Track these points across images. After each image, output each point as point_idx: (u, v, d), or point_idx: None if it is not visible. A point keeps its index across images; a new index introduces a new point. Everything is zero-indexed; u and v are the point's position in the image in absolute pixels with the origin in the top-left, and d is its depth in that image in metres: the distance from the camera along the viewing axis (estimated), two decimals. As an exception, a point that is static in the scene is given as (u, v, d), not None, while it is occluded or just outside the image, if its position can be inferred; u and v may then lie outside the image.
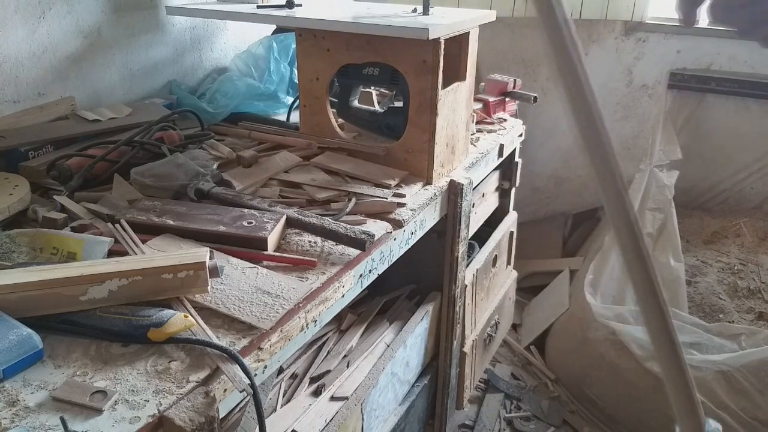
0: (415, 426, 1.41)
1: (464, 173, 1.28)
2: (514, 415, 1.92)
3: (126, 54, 1.41)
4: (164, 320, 0.69)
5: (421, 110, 1.13)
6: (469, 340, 1.51)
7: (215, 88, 1.45)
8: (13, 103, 1.20)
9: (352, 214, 1.02)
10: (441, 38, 1.07)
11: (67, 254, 0.81)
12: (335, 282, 0.86)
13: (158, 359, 0.67)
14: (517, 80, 1.63)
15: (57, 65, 1.27)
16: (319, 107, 1.24)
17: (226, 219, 0.92)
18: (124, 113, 1.29)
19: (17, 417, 0.59)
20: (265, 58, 1.54)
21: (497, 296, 1.71)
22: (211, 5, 1.34)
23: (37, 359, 0.66)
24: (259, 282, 0.81)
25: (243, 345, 0.71)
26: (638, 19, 2.24)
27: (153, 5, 1.45)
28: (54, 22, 1.24)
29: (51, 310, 0.70)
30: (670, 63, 2.25)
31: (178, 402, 0.62)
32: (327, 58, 1.19)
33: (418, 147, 1.16)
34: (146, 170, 1.04)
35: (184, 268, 0.73)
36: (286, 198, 1.08)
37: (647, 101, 2.34)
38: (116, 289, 0.71)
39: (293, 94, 1.55)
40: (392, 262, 1.04)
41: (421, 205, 1.10)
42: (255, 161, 1.18)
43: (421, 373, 1.41)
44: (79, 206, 0.96)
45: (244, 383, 0.66)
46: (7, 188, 0.96)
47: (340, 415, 1.07)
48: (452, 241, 1.30)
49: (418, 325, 1.31)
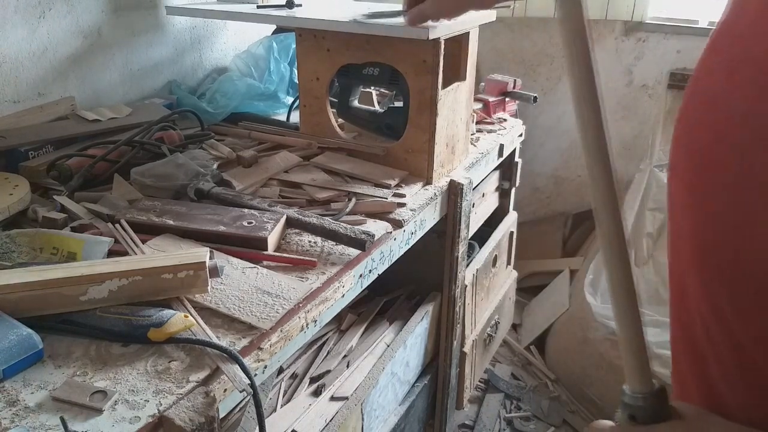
0: (415, 426, 1.41)
1: (464, 173, 1.28)
2: (514, 415, 1.92)
3: (126, 54, 1.41)
4: (164, 320, 0.69)
5: (421, 110, 1.13)
6: (469, 340, 1.52)
7: (215, 88, 1.45)
8: (13, 103, 1.20)
9: (352, 214, 1.02)
10: (441, 38, 1.07)
11: (67, 254, 0.81)
12: (335, 282, 0.86)
13: (158, 359, 0.67)
14: (517, 80, 1.63)
15: (57, 65, 1.27)
16: (319, 107, 1.24)
17: (226, 219, 0.92)
18: (124, 113, 1.29)
19: (17, 417, 0.59)
20: (265, 58, 1.54)
21: (497, 296, 1.71)
22: (211, 5, 1.34)
23: (37, 359, 0.66)
24: (259, 282, 0.81)
25: (243, 345, 0.71)
26: (638, 19, 2.24)
27: (153, 5, 1.45)
28: (54, 22, 1.24)
29: (51, 310, 0.70)
30: (670, 63, 2.25)
31: (178, 402, 0.62)
32: (327, 58, 1.19)
33: (418, 147, 1.16)
34: (146, 170, 1.04)
35: (184, 268, 0.73)
36: (286, 198, 1.08)
37: (647, 101, 2.34)
38: (116, 289, 0.71)
39: (293, 94, 1.55)
40: (392, 262, 1.04)
41: (421, 205, 1.10)
42: (255, 161, 1.18)
43: (421, 373, 1.41)
44: (79, 206, 0.96)
45: (244, 383, 0.66)
46: (7, 188, 0.96)
47: (340, 415, 1.07)
48: (452, 241, 1.30)
49: (418, 325, 1.31)
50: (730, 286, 0.42)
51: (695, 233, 0.45)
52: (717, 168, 0.42)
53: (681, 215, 0.48)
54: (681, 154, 0.47)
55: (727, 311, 0.43)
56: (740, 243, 0.41)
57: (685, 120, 0.48)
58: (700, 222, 0.44)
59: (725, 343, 0.44)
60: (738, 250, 0.41)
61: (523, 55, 2.49)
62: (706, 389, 0.48)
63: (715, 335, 0.45)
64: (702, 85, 0.46)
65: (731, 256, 0.42)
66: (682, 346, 0.52)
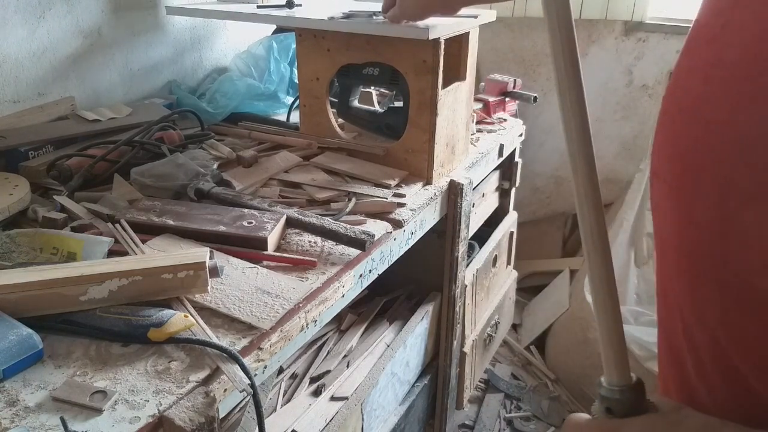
0: (415, 426, 1.41)
1: (464, 173, 1.28)
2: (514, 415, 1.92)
3: (126, 54, 1.41)
4: (164, 320, 0.69)
5: (421, 110, 1.13)
6: (469, 340, 1.52)
7: (215, 88, 1.45)
8: (13, 103, 1.20)
9: (352, 214, 1.02)
10: (441, 38, 1.07)
11: (67, 254, 0.81)
12: (335, 282, 0.86)
13: (158, 359, 0.67)
14: (517, 80, 1.63)
15: (57, 65, 1.27)
16: (319, 107, 1.24)
17: (226, 219, 0.92)
18: (124, 113, 1.29)
19: (17, 417, 0.59)
20: (265, 58, 1.54)
21: (497, 296, 1.71)
22: (211, 5, 1.35)
23: (37, 359, 0.66)
24: (259, 282, 0.81)
25: (243, 345, 0.71)
26: (638, 19, 2.24)
27: (153, 5, 1.45)
28: (54, 22, 1.24)
29: (51, 310, 0.70)
30: (670, 63, 2.25)
31: (178, 402, 0.62)
32: (327, 58, 1.19)
33: (418, 147, 1.16)
34: (146, 170, 1.04)
35: (184, 268, 0.73)
36: (286, 198, 1.08)
37: (647, 101, 2.34)
38: (116, 289, 0.71)
39: (293, 94, 1.55)
40: (392, 262, 1.04)
41: (421, 205, 1.10)
42: (255, 161, 1.18)
43: (421, 373, 1.41)
44: (79, 206, 0.96)
45: (244, 383, 0.66)
46: (7, 188, 0.96)
47: (340, 415, 1.07)
48: (452, 241, 1.30)
49: (418, 325, 1.31)
50: (714, 293, 0.42)
51: (679, 239, 0.45)
52: (698, 175, 0.42)
53: (664, 220, 0.47)
54: (663, 159, 0.47)
55: (710, 317, 0.43)
56: (724, 251, 0.40)
57: (664, 124, 0.47)
58: (684, 228, 0.44)
59: (707, 348, 0.44)
60: (722, 258, 0.41)
61: (523, 55, 2.49)
62: (686, 391, 0.49)
63: (696, 339, 0.45)
64: (679, 90, 0.45)
65: (715, 264, 0.41)
66: (663, 347, 0.52)
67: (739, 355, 0.41)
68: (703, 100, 0.42)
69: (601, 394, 0.45)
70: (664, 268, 0.50)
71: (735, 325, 0.41)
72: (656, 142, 0.48)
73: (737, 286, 0.40)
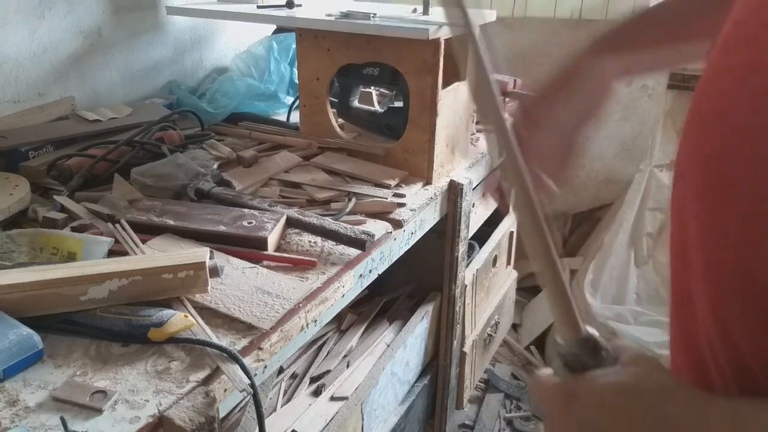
0: (415, 426, 1.41)
1: (464, 173, 1.28)
2: (514, 415, 1.92)
3: (126, 54, 1.41)
4: (164, 320, 0.69)
5: (421, 110, 1.13)
6: (469, 340, 1.51)
7: (215, 88, 1.45)
8: (13, 103, 1.20)
9: (352, 214, 1.02)
10: (441, 38, 1.07)
11: (67, 254, 0.81)
12: (335, 282, 0.86)
13: (158, 359, 0.67)
14: (517, 80, 1.63)
15: (57, 65, 1.27)
16: (319, 107, 1.24)
17: (226, 219, 0.92)
18: (124, 113, 1.29)
19: (17, 417, 0.59)
20: (265, 58, 1.54)
21: (497, 296, 1.71)
22: (211, 5, 1.35)
23: (37, 359, 0.66)
24: (259, 282, 0.81)
25: (243, 345, 0.71)
26: (638, 19, 2.23)
27: (153, 5, 1.45)
28: (54, 22, 1.24)
29: (51, 310, 0.70)
30: (670, 63, 2.25)
31: (178, 402, 0.62)
32: (327, 58, 1.19)
33: (418, 147, 1.16)
34: (146, 170, 1.04)
35: (184, 268, 0.73)
36: (286, 198, 1.08)
37: (647, 101, 2.34)
38: (116, 289, 0.71)
39: (293, 94, 1.55)
40: (392, 262, 1.04)
41: (421, 205, 1.10)
42: (255, 161, 1.18)
43: (421, 373, 1.41)
44: (79, 206, 0.96)
45: (244, 383, 0.66)
46: (7, 188, 0.96)
47: (340, 415, 1.07)
48: (452, 241, 1.30)
49: (418, 325, 1.31)
50: (738, 304, 0.41)
51: (705, 245, 0.43)
52: (728, 181, 0.40)
53: (690, 224, 0.45)
54: (691, 161, 0.45)
55: (734, 329, 0.41)
56: (752, 262, 0.39)
57: (694, 125, 0.45)
58: (711, 235, 0.42)
59: (728, 359, 0.43)
60: (749, 270, 0.39)
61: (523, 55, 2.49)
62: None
63: (718, 349, 0.44)
64: (712, 90, 0.43)
65: (742, 275, 0.40)
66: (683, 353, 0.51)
67: (763, 371, 0.40)
68: (736, 103, 0.40)
69: (557, 351, 0.47)
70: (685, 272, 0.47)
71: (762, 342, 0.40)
72: (684, 143, 0.46)
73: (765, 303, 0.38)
